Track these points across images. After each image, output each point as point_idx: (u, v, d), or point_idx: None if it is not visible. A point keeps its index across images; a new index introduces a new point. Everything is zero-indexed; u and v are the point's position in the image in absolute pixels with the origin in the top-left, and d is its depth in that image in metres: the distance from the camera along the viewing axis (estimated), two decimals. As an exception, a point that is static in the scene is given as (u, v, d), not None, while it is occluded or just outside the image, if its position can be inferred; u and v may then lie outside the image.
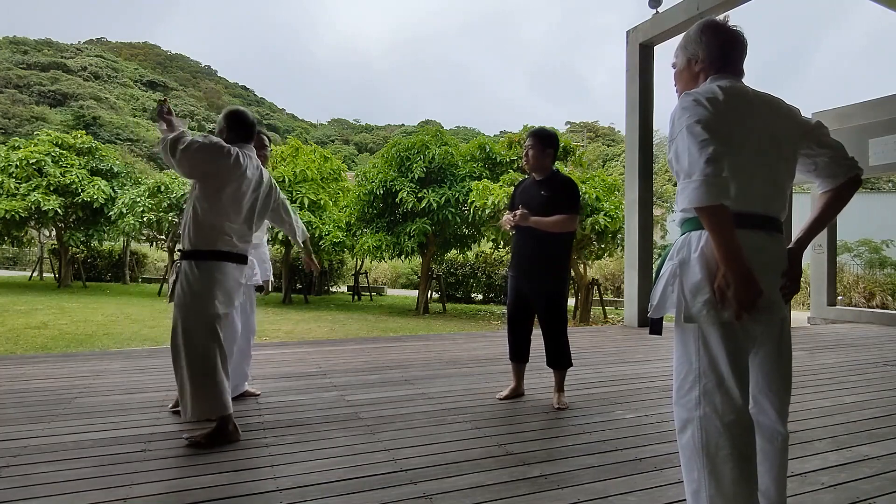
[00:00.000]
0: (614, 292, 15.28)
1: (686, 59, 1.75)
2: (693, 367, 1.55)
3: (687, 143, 1.48)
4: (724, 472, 1.49)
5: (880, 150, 7.24)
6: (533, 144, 3.33)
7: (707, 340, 1.53)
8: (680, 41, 1.78)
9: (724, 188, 1.43)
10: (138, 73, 78.23)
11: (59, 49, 76.28)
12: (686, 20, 6.52)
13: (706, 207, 1.43)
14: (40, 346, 7.10)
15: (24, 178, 14.86)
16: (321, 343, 5.85)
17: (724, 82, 1.61)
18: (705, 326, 1.53)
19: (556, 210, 3.24)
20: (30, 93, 59.86)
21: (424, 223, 11.08)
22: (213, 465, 2.38)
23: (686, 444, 1.56)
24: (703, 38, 1.69)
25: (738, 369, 1.52)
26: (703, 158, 1.43)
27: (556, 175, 3.40)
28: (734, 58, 1.68)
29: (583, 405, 3.36)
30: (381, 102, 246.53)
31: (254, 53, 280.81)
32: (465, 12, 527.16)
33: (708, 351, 1.53)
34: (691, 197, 1.44)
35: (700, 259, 1.53)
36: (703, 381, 1.53)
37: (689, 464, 1.56)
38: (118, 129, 53.45)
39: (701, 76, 1.70)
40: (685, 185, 1.46)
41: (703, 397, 1.52)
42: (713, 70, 1.68)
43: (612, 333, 6.47)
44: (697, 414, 1.52)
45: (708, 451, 1.50)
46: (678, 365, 1.61)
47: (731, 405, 1.50)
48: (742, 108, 1.57)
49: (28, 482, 2.19)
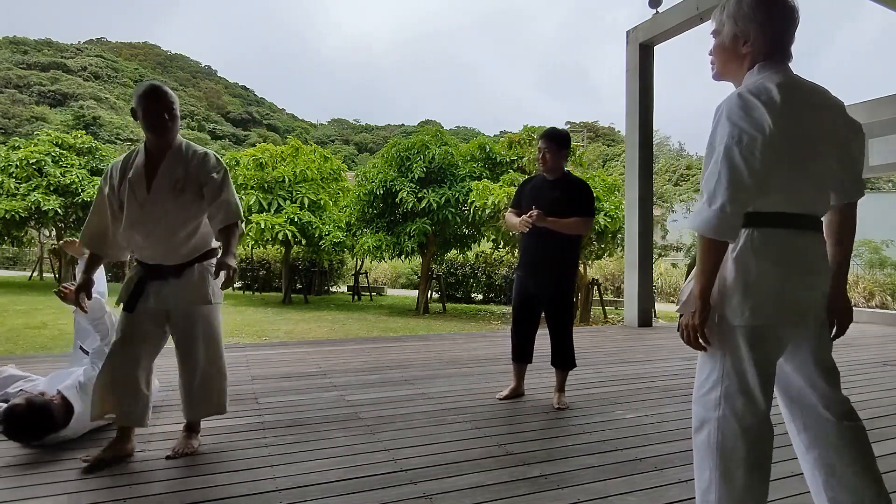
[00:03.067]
0: (614, 292, 15.27)
1: (733, 34, 1.55)
2: (717, 368, 1.52)
3: (721, 165, 1.40)
4: (735, 477, 1.47)
5: (881, 150, 7.24)
6: (549, 146, 3.33)
7: (735, 343, 1.49)
8: (729, 5, 1.57)
9: (736, 228, 1.42)
10: (138, 73, 78.16)
11: (59, 49, 76.27)
12: (686, 20, 6.52)
13: (710, 239, 1.43)
14: (40, 346, 7.09)
15: (24, 178, 14.86)
16: (321, 343, 5.85)
17: (778, 78, 1.47)
18: (735, 328, 1.49)
19: (569, 211, 3.25)
20: (30, 93, 59.84)
21: (424, 223, 11.08)
22: (212, 466, 2.38)
23: (701, 442, 1.54)
24: (758, 15, 1.50)
25: (763, 375, 1.48)
26: (728, 194, 1.38)
27: (569, 176, 3.42)
28: (787, 41, 1.52)
29: (583, 405, 3.36)
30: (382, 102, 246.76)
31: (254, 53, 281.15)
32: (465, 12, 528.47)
33: (734, 353, 1.49)
34: (702, 226, 1.42)
35: (735, 262, 1.49)
36: (725, 383, 1.49)
37: (702, 462, 1.54)
38: (118, 129, 53.40)
39: (747, 59, 1.54)
40: (701, 210, 1.44)
41: (723, 399, 1.49)
42: (762, 56, 1.52)
43: (612, 333, 6.47)
44: (716, 414, 1.50)
45: (723, 452, 1.48)
46: (702, 363, 1.57)
47: (752, 410, 1.47)
48: (798, 106, 1.45)
49: (28, 482, 2.19)
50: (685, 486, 2.22)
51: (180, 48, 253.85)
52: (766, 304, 1.46)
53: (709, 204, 1.42)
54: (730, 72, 1.62)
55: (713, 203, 1.41)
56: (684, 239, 14.08)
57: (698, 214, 1.44)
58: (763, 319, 1.47)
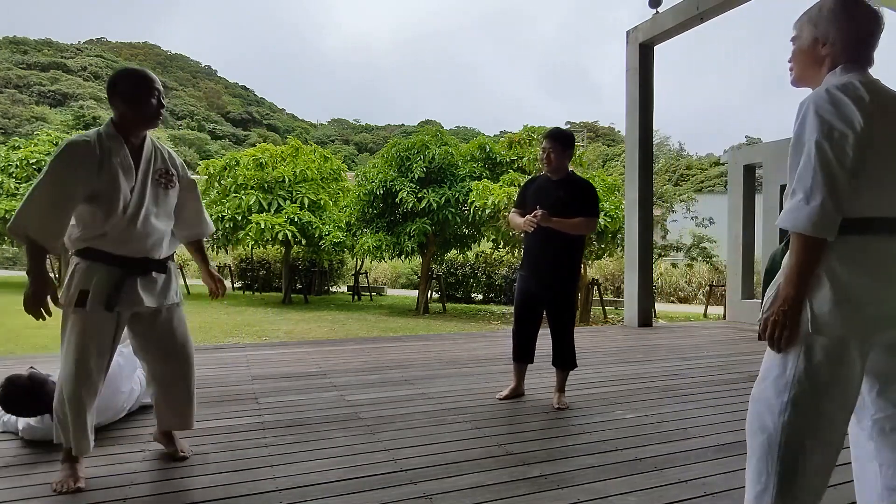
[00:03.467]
0: (614, 292, 15.28)
1: (813, 37, 1.52)
2: (788, 373, 1.46)
3: (815, 160, 1.35)
4: (795, 484, 1.44)
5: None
6: (553, 146, 3.33)
7: (812, 350, 1.43)
8: (808, 12, 1.55)
9: (836, 224, 1.36)
10: (138, 73, 78.09)
11: (59, 49, 76.30)
12: (686, 20, 6.52)
13: (809, 237, 1.37)
14: (40, 346, 7.09)
15: (24, 178, 14.87)
16: (321, 343, 5.85)
17: (863, 79, 1.42)
18: (816, 336, 1.43)
19: (573, 211, 3.26)
20: (30, 93, 59.86)
21: (424, 223, 11.08)
22: (212, 465, 2.38)
23: (760, 444, 1.50)
24: (840, 18, 1.47)
25: (838, 385, 1.43)
26: (826, 189, 1.34)
27: (573, 176, 3.43)
28: (870, 45, 1.48)
29: (583, 405, 3.36)
30: (382, 102, 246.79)
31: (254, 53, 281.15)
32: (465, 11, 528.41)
33: (809, 361, 1.43)
34: (802, 223, 1.36)
35: (828, 269, 1.42)
36: (794, 390, 1.45)
37: (759, 465, 1.50)
38: (118, 129, 53.31)
39: (827, 62, 1.50)
40: (798, 206, 1.37)
41: (791, 405, 1.45)
42: (844, 58, 1.48)
43: (612, 333, 6.47)
44: (782, 420, 1.45)
45: (784, 458, 1.45)
46: (769, 365, 1.52)
47: (823, 421, 1.43)
48: (885, 107, 1.42)
49: (28, 482, 2.19)
50: (685, 486, 2.22)
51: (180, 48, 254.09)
52: (855, 315, 1.41)
53: (806, 201, 1.36)
54: (809, 76, 1.58)
55: (812, 199, 1.35)
56: (684, 239, 14.07)
57: (795, 211, 1.38)
58: (848, 331, 1.42)
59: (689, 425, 2.97)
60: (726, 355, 5.03)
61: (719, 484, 2.24)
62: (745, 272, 7.77)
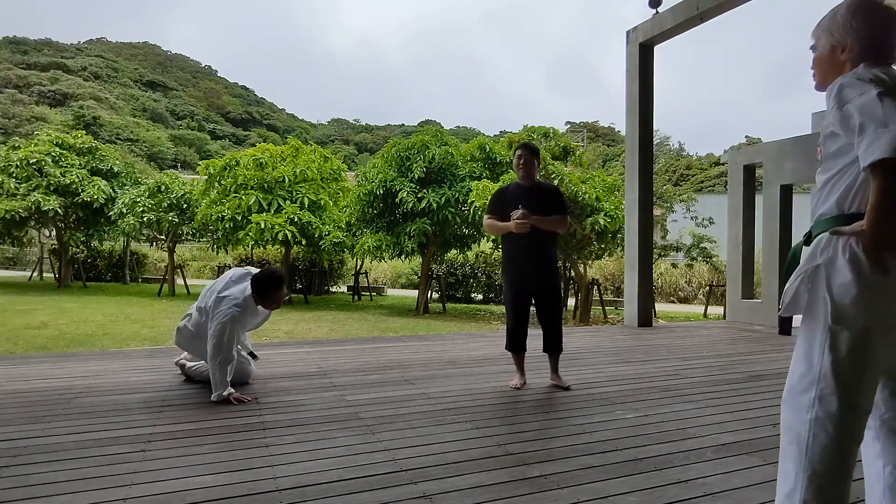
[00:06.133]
0: (614, 292, 15.28)
1: (830, 45, 1.54)
2: (813, 369, 1.46)
3: (874, 101, 1.32)
4: (824, 482, 1.43)
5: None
6: (528, 156, 3.76)
7: (836, 344, 1.42)
8: (823, 20, 1.56)
9: None
10: (138, 73, 78.24)
11: (59, 49, 76.34)
12: (686, 20, 6.52)
13: None
14: (40, 346, 7.10)
15: (24, 178, 14.85)
16: (321, 343, 5.85)
17: (884, 70, 1.42)
18: (840, 329, 1.42)
19: (548, 212, 3.67)
20: (30, 93, 59.85)
21: (424, 223, 11.08)
22: (213, 465, 2.38)
23: (790, 443, 1.50)
24: (855, 23, 1.48)
25: (864, 378, 1.42)
26: None
27: (541, 182, 3.93)
28: (889, 43, 1.48)
29: (583, 405, 3.36)
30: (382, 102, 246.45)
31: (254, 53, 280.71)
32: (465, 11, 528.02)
33: (835, 355, 1.42)
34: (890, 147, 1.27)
35: (851, 260, 1.41)
36: (821, 385, 1.43)
37: (788, 463, 1.50)
38: (118, 129, 53.42)
39: (846, 66, 1.51)
40: (881, 133, 1.29)
41: (818, 401, 1.44)
42: (863, 59, 1.48)
43: (612, 333, 6.47)
44: (809, 416, 1.45)
45: (812, 456, 1.44)
46: (796, 364, 1.52)
47: (850, 416, 1.42)
48: None
49: (28, 482, 2.19)
50: (685, 486, 2.22)
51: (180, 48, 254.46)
52: (878, 304, 1.39)
53: (885, 125, 1.29)
54: (831, 81, 1.56)
55: (891, 123, 1.29)
56: (684, 239, 14.06)
57: (880, 137, 1.29)
58: (871, 320, 1.40)
59: (688, 425, 2.97)
60: (726, 355, 5.03)
61: (719, 484, 2.24)
62: (745, 272, 7.77)
